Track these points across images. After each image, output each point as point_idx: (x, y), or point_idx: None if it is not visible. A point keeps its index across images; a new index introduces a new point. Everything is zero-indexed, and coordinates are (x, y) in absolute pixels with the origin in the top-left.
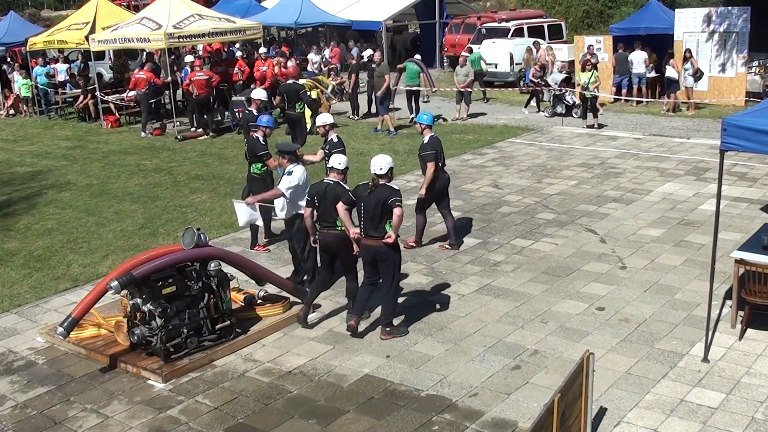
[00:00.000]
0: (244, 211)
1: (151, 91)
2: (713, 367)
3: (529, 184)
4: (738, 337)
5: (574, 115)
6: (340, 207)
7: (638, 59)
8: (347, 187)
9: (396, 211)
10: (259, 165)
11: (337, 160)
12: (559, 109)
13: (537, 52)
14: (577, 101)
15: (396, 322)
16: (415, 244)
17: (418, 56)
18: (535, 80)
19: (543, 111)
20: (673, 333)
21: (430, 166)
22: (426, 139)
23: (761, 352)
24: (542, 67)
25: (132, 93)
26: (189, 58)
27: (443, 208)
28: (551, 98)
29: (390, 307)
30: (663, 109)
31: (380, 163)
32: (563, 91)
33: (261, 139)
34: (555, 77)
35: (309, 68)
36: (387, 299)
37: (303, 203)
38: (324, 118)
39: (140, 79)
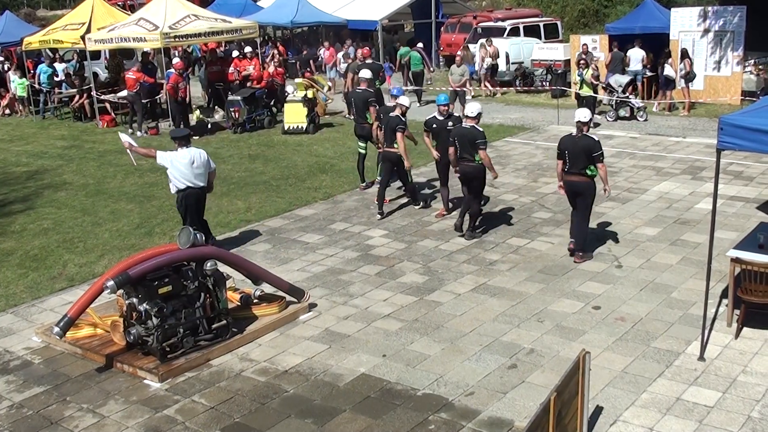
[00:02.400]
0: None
1: (145, 91)
2: (709, 366)
3: (525, 183)
4: (734, 336)
5: (638, 118)
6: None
7: (636, 57)
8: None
9: (600, 166)
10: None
11: (470, 108)
12: (623, 112)
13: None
14: (641, 104)
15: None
16: (446, 213)
17: (420, 44)
18: (595, 82)
19: (604, 114)
20: (669, 332)
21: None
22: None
23: (757, 351)
24: (484, 60)
25: (123, 93)
26: (175, 60)
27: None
28: (613, 102)
29: (583, 233)
30: (656, 109)
31: (585, 114)
32: (627, 95)
33: (401, 116)
34: (619, 80)
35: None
36: (581, 227)
37: (176, 181)
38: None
39: (129, 80)
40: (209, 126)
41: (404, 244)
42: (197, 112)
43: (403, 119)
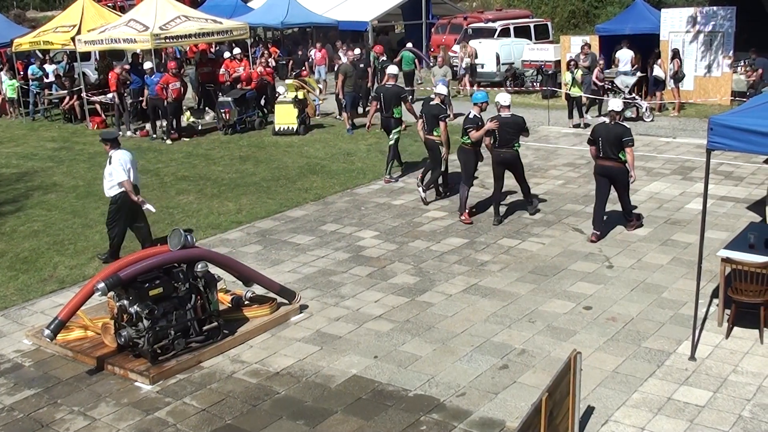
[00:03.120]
0: None
1: (132, 91)
2: (700, 366)
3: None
4: (725, 336)
5: (645, 119)
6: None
7: (624, 58)
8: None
9: (628, 151)
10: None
11: (504, 98)
12: (629, 113)
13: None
14: (647, 104)
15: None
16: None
17: (409, 44)
18: (599, 83)
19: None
20: (660, 332)
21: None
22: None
23: (748, 350)
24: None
25: (110, 95)
26: (148, 65)
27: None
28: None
29: (628, 207)
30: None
31: (618, 104)
32: (633, 95)
33: (441, 104)
34: (625, 80)
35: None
36: (624, 203)
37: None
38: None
39: (110, 81)
40: (200, 128)
41: (395, 245)
42: (188, 113)
43: (444, 107)
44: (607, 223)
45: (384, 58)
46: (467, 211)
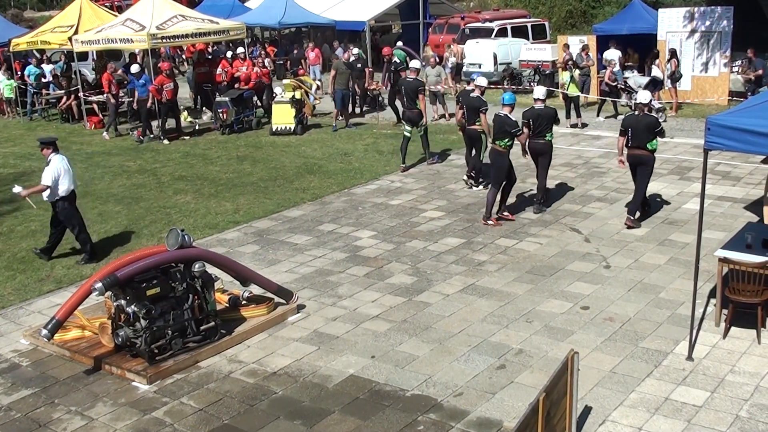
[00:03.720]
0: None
1: (129, 92)
2: (698, 366)
3: (512, 187)
4: (722, 336)
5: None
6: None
7: (612, 58)
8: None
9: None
10: (506, 140)
11: (540, 91)
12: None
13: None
14: (658, 105)
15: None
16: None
17: (400, 42)
18: (612, 83)
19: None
20: (658, 332)
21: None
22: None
23: (745, 351)
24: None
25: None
26: (135, 68)
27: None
28: (631, 103)
29: (637, 202)
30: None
31: (646, 96)
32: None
33: (481, 96)
34: (638, 80)
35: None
36: (637, 195)
37: (65, 187)
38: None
39: (103, 82)
40: (197, 127)
41: (393, 245)
42: (185, 113)
43: (484, 100)
44: (605, 222)
45: (396, 59)
46: (495, 216)
